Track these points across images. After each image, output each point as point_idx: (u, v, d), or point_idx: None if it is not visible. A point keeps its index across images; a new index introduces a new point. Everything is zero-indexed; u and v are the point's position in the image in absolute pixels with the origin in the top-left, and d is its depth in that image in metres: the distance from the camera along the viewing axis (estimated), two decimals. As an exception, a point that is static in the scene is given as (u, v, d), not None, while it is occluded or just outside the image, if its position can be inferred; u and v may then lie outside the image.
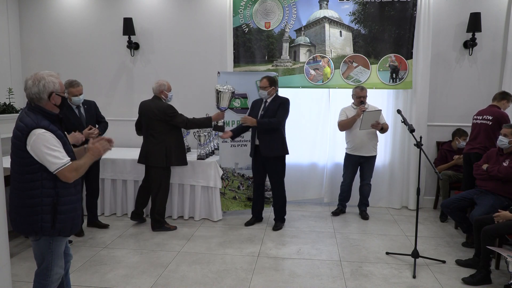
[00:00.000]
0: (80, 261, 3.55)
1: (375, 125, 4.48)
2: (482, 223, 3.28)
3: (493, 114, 4.23)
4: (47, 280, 2.26)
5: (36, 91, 2.13)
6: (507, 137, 3.65)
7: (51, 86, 2.16)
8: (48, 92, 2.15)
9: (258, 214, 4.59)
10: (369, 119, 4.43)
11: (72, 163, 2.15)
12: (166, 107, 4.12)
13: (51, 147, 2.07)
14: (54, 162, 2.08)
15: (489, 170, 3.70)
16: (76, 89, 3.88)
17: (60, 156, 2.10)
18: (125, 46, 5.44)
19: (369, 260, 3.63)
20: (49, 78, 2.15)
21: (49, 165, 2.09)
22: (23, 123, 2.10)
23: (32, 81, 2.14)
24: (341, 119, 4.67)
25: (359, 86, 4.66)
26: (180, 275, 3.31)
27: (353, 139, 4.65)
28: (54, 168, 2.09)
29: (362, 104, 4.52)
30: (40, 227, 2.15)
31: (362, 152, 4.64)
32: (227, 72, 4.90)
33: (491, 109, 4.31)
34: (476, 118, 4.42)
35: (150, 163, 4.20)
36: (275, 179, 4.35)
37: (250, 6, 5.03)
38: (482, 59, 5.03)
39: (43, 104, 2.16)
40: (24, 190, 2.13)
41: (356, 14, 4.94)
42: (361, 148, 4.63)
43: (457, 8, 4.98)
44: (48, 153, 2.07)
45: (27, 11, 5.64)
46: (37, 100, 2.15)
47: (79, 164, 2.19)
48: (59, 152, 2.10)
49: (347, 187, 4.87)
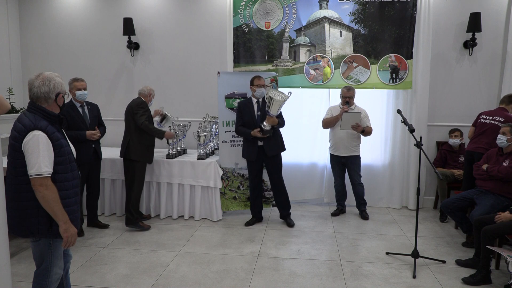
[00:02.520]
0: (80, 261, 3.55)
1: (355, 126, 4.51)
2: (482, 223, 3.29)
3: (505, 117, 4.18)
4: (46, 280, 2.25)
5: (46, 91, 2.15)
6: (505, 136, 3.66)
7: (59, 86, 2.20)
8: (56, 92, 2.18)
9: (258, 214, 4.60)
10: (349, 120, 4.49)
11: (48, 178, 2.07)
12: (138, 103, 4.27)
13: (40, 150, 2.04)
14: (34, 165, 2.04)
15: (489, 170, 3.70)
16: (80, 83, 4.00)
17: (43, 164, 2.05)
18: (125, 46, 5.44)
19: (369, 260, 3.63)
20: (57, 79, 2.20)
21: (29, 166, 2.05)
22: (21, 124, 2.10)
23: (41, 81, 2.15)
24: (325, 117, 4.74)
25: (347, 86, 4.70)
26: (180, 275, 3.31)
27: (333, 138, 4.75)
28: (31, 171, 2.04)
29: (347, 105, 4.58)
30: (37, 229, 2.14)
31: (342, 152, 4.69)
32: (227, 72, 4.91)
33: (502, 112, 4.27)
34: (486, 117, 4.34)
35: (120, 155, 4.36)
36: (278, 175, 4.44)
37: (250, 6, 5.03)
38: (482, 59, 5.03)
39: (48, 104, 2.17)
40: (20, 192, 2.12)
41: (356, 14, 4.94)
42: (341, 147, 4.68)
43: (457, 8, 4.98)
44: (33, 155, 2.04)
45: (27, 11, 5.64)
46: (44, 99, 2.16)
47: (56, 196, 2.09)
48: (44, 159, 2.05)
49: (340, 187, 4.91)
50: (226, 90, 4.69)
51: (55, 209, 2.10)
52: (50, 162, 2.08)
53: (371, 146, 5.13)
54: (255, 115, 4.29)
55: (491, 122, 4.28)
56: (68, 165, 2.20)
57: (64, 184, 2.16)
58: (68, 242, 2.17)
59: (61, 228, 2.13)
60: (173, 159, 4.64)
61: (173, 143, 4.75)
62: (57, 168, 2.13)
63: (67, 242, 2.17)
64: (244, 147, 4.44)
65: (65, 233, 2.14)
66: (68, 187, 2.19)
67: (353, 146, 4.69)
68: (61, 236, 2.18)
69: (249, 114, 4.30)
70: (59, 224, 2.13)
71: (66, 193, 2.18)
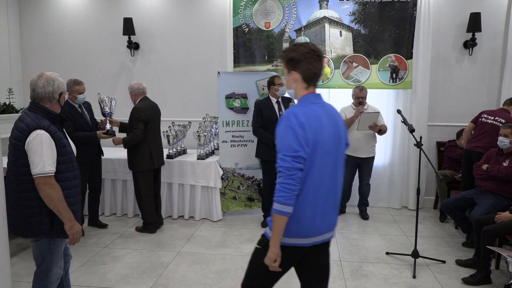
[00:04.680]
0: (80, 261, 3.55)
1: (373, 126, 4.48)
2: (482, 223, 3.29)
3: (506, 119, 4.17)
4: (46, 280, 2.25)
5: (51, 91, 2.16)
6: (507, 138, 3.65)
7: (62, 87, 2.23)
8: (60, 92, 2.21)
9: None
10: (367, 121, 4.44)
11: (52, 177, 2.07)
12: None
13: (43, 149, 2.05)
14: (38, 164, 2.04)
15: (489, 170, 3.70)
16: (82, 87, 4.01)
17: (47, 163, 2.05)
18: (125, 46, 5.44)
19: (369, 260, 3.63)
20: (60, 79, 2.23)
21: (33, 165, 2.05)
22: (23, 123, 2.09)
23: (45, 81, 2.16)
24: None
25: (359, 87, 4.65)
26: (180, 275, 3.31)
27: (351, 140, 4.64)
28: (35, 170, 2.04)
29: (360, 105, 4.53)
30: (39, 229, 2.14)
31: (359, 153, 4.64)
32: (227, 72, 4.91)
33: (504, 113, 4.25)
34: (487, 117, 4.31)
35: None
36: None
37: (250, 6, 5.03)
38: (482, 59, 5.03)
39: (51, 104, 2.18)
40: (21, 192, 2.11)
41: (356, 14, 4.94)
42: (359, 149, 4.63)
43: (457, 8, 4.98)
44: (37, 154, 2.04)
45: (27, 11, 5.65)
46: (48, 99, 2.17)
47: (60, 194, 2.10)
48: (48, 158, 2.06)
49: (346, 188, 4.87)
50: (226, 90, 4.69)
51: (60, 208, 2.11)
52: (53, 161, 2.09)
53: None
54: (277, 115, 4.25)
55: (492, 123, 4.26)
56: (70, 165, 2.21)
57: (66, 184, 2.17)
58: (74, 239, 2.19)
59: (66, 226, 2.15)
60: (173, 159, 4.64)
61: (173, 143, 4.73)
62: (60, 167, 2.13)
63: (72, 239, 2.19)
64: (261, 147, 4.36)
65: (70, 230, 2.16)
66: (70, 187, 2.20)
67: (371, 147, 4.67)
68: (62, 235, 2.19)
69: (270, 113, 4.25)
70: (64, 222, 2.14)
71: (68, 193, 2.18)
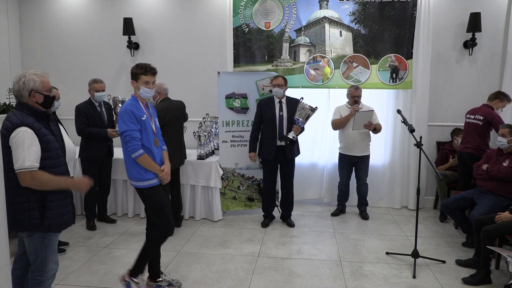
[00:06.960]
0: (80, 261, 3.55)
1: (368, 125, 4.50)
2: (482, 223, 3.29)
3: (484, 115, 4.21)
4: (42, 276, 2.26)
5: (17, 88, 2.19)
6: (505, 137, 3.66)
7: (31, 84, 2.19)
8: (28, 90, 2.18)
9: (271, 214, 4.62)
10: (362, 119, 4.46)
11: (36, 171, 2.09)
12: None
13: (25, 146, 2.07)
14: (18, 159, 2.07)
15: (489, 170, 3.70)
16: (99, 85, 4.17)
17: (27, 159, 2.07)
18: (125, 46, 5.44)
19: (369, 260, 3.63)
20: (30, 76, 2.19)
21: (14, 161, 2.08)
22: (8, 122, 2.13)
23: (16, 79, 2.19)
24: (334, 118, 4.70)
25: (354, 86, 4.68)
26: (180, 275, 3.31)
27: (346, 138, 4.69)
28: (16, 166, 2.08)
29: (356, 104, 4.56)
30: (29, 223, 2.17)
31: (355, 152, 4.66)
32: (227, 72, 4.90)
33: (483, 109, 4.28)
34: (469, 117, 4.40)
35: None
36: (291, 178, 4.51)
37: (250, 6, 5.03)
38: (482, 59, 5.03)
39: (26, 101, 2.20)
40: (11, 188, 2.13)
41: (356, 14, 4.94)
42: (354, 148, 4.65)
43: (457, 8, 4.98)
44: (18, 150, 2.07)
45: (27, 11, 5.64)
46: (19, 97, 2.20)
47: (46, 178, 2.13)
48: (29, 154, 2.07)
49: (344, 187, 4.88)
50: (226, 90, 4.69)
51: (55, 185, 2.18)
52: (36, 157, 2.11)
53: (371, 146, 5.12)
54: (277, 114, 4.28)
55: (472, 122, 4.32)
56: (56, 160, 2.23)
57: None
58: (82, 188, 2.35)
59: (72, 188, 2.34)
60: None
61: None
62: (45, 163, 2.16)
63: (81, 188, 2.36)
64: (262, 145, 4.41)
65: (76, 185, 2.35)
66: None
67: (365, 145, 4.68)
68: (53, 229, 2.23)
69: (270, 112, 4.29)
70: (68, 188, 2.28)
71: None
